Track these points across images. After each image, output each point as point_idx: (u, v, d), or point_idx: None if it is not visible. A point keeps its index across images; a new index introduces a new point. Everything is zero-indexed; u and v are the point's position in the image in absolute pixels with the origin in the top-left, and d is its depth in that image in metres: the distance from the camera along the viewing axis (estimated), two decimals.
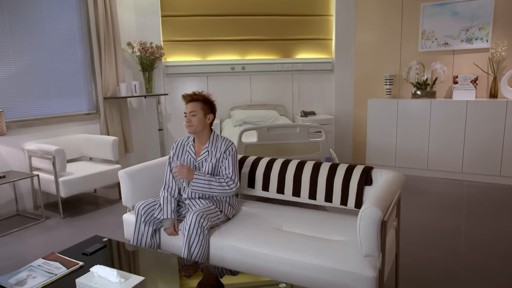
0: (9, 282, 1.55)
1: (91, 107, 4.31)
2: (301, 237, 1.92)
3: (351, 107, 5.21)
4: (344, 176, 2.18)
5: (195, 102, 2.19)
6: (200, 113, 2.18)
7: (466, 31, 4.33)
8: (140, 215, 2.12)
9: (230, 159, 2.20)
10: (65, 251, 1.86)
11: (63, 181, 3.31)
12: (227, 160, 2.20)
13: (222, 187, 2.14)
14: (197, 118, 2.17)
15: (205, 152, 2.23)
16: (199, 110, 2.17)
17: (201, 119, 2.18)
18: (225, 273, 1.63)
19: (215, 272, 1.62)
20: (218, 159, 2.21)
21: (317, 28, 5.05)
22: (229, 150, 2.22)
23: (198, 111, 2.17)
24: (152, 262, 1.75)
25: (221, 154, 2.21)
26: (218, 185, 2.14)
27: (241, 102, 5.04)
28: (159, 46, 4.58)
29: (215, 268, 1.65)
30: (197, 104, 2.18)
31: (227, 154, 2.21)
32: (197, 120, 2.17)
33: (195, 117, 2.17)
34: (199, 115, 2.17)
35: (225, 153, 2.21)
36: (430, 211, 3.34)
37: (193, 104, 2.18)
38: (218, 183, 2.14)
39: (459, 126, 4.19)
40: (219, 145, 2.22)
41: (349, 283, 1.65)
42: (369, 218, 1.60)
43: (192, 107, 2.18)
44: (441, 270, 2.35)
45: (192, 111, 2.17)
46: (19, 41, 3.58)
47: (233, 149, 2.23)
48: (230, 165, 2.19)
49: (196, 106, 2.18)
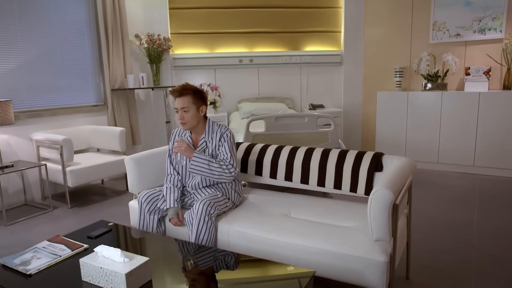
0: (13, 262, 1.53)
1: (98, 99, 4.31)
2: (309, 223, 1.88)
3: (360, 100, 5.14)
4: (353, 162, 2.13)
5: (185, 97, 2.05)
6: (193, 108, 2.06)
7: (479, 21, 4.23)
8: (144, 205, 2.09)
9: (226, 145, 2.11)
10: (70, 234, 1.85)
11: (71, 171, 3.30)
12: (223, 147, 2.12)
13: (222, 169, 2.05)
14: (190, 114, 2.06)
15: (203, 143, 2.16)
16: (191, 105, 2.06)
17: (194, 114, 2.08)
18: (231, 259, 1.59)
19: (221, 257, 1.59)
20: (215, 148, 2.14)
21: (325, 20, 4.98)
22: (224, 136, 2.13)
23: (190, 107, 2.05)
24: (157, 245, 1.72)
25: (217, 142, 2.14)
26: (218, 167, 2.05)
27: (248, 95, 5.00)
28: (167, 38, 4.56)
29: (223, 252, 1.62)
30: (188, 99, 2.05)
31: (223, 141, 2.12)
32: (190, 116, 2.07)
33: (188, 113, 2.06)
34: (191, 110, 2.06)
35: (220, 141, 2.13)
36: (441, 203, 3.27)
37: (184, 100, 2.05)
38: (218, 165, 2.05)
39: (471, 118, 4.10)
40: (215, 134, 2.14)
41: (359, 268, 1.60)
42: (380, 201, 1.55)
43: (183, 103, 2.05)
44: (453, 260, 2.29)
45: (184, 107, 2.05)
46: (28, 31, 3.58)
47: (228, 135, 2.13)
48: (228, 151, 2.11)
49: (187, 101, 2.05)
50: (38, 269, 1.49)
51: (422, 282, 2.06)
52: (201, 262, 1.54)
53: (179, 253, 1.63)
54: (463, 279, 2.08)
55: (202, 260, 1.55)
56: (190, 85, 2.10)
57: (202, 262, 1.53)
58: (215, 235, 1.95)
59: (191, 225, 1.94)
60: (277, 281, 1.38)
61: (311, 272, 1.43)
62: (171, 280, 1.41)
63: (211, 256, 1.58)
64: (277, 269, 1.47)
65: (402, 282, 2.07)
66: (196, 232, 1.90)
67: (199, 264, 1.52)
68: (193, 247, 1.68)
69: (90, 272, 1.38)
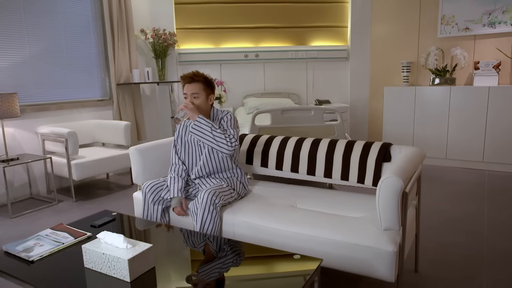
0: (16, 249, 1.51)
1: (104, 93, 4.30)
2: (316, 214, 1.84)
3: (367, 95, 5.08)
4: (361, 153, 2.09)
5: (197, 83, 2.03)
6: (203, 95, 2.04)
7: (489, 15, 4.16)
8: (148, 195, 2.06)
9: (227, 123, 2.07)
10: (73, 223, 1.83)
11: (76, 164, 3.29)
12: (225, 124, 2.08)
13: (224, 138, 1.96)
14: (199, 101, 2.03)
15: None
16: (201, 92, 2.03)
17: (203, 101, 2.05)
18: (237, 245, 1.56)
19: (227, 244, 1.56)
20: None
21: (332, 15, 4.94)
22: (225, 118, 2.09)
23: (200, 93, 2.03)
24: (161, 234, 1.70)
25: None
26: (220, 133, 1.96)
27: (254, 90, 4.97)
28: (172, 33, 4.54)
29: (229, 241, 1.59)
30: (199, 86, 2.03)
31: (224, 121, 2.09)
32: (199, 103, 2.03)
33: (197, 100, 2.03)
34: (201, 97, 2.03)
35: (221, 124, 2.09)
36: (449, 198, 3.21)
37: (195, 85, 2.03)
38: (220, 132, 1.97)
39: (480, 113, 4.03)
40: (219, 120, 2.11)
41: (367, 258, 1.56)
42: (389, 189, 1.50)
43: (194, 88, 2.02)
44: (463, 254, 2.24)
45: (194, 93, 2.02)
46: (34, 26, 3.58)
47: (228, 116, 2.09)
48: (229, 126, 2.06)
49: (198, 87, 2.03)
50: (40, 255, 1.47)
51: (432, 275, 2.01)
52: (205, 250, 1.51)
53: (183, 242, 1.60)
54: (474, 272, 2.03)
55: (206, 248, 1.52)
56: (201, 73, 2.08)
57: (207, 250, 1.50)
58: (220, 225, 1.92)
59: (195, 215, 1.91)
60: (284, 268, 1.35)
61: (318, 260, 1.39)
62: (174, 268, 1.38)
63: (215, 246, 1.55)
64: (283, 257, 1.43)
65: (411, 275, 2.03)
66: (201, 222, 1.87)
67: (204, 251, 1.49)
68: (198, 236, 1.65)
69: (93, 259, 1.35)
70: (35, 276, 1.35)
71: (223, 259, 1.43)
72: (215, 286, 1.25)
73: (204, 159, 2.11)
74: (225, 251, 1.49)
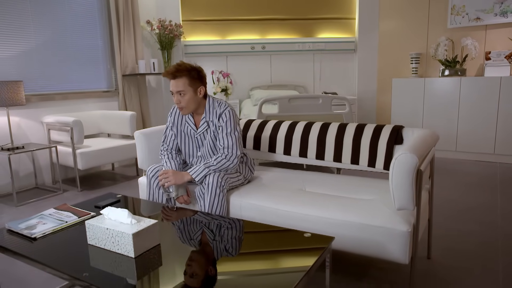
0: (19, 227, 1.48)
1: (109, 84, 4.28)
2: (326, 196, 1.79)
3: (375, 87, 5.01)
4: (372, 135, 2.03)
5: (180, 79, 1.84)
6: (190, 91, 1.86)
7: (501, 4, 4.07)
8: (152, 180, 2.00)
9: (224, 127, 1.91)
10: (77, 204, 1.79)
11: (81, 153, 3.26)
12: (222, 132, 1.92)
13: (223, 164, 1.89)
14: (187, 98, 1.86)
15: (204, 123, 1.99)
16: (187, 88, 1.85)
17: (192, 97, 1.88)
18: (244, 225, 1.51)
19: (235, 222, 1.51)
20: (216, 128, 1.97)
21: (339, 7, 4.87)
22: (223, 117, 1.92)
23: (186, 89, 1.85)
24: (167, 214, 1.65)
25: (217, 122, 1.96)
26: (217, 163, 1.88)
27: (261, 83, 4.92)
28: (178, 25, 4.51)
29: (237, 221, 1.54)
30: (183, 81, 1.84)
31: (221, 122, 1.92)
32: (188, 100, 1.87)
33: (184, 97, 1.86)
34: (188, 93, 1.86)
35: (219, 121, 1.93)
36: (461, 188, 3.14)
37: (179, 82, 1.84)
38: (216, 162, 1.88)
39: (491, 104, 3.94)
40: (216, 112, 1.95)
41: (380, 239, 1.51)
42: (403, 166, 1.45)
43: (178, 86, 1.84)
44: (477, 242, 2.17)
45: (179, 91, 1.85)
46: (39, 16, 3.56)
47: (227, 114, 1.92)
48: (225, 135, 1.91)
49: (182, 83, 1.84)
50: (43, 233, 1.43)
51: (445, 263, 1.95)
52: (215, 230, 1.46)
53: (190, 221, 1.55)
54: (489, 260, 1.96)
55: (216, 228, 1.47)
56: (185, 65, 1.87)
57: (217, 230, 1.46)
58: (227, 208, 1.87)
59: (202, 199, 1.86)
60: (295, 245, 1.30)
61: (330, 238, 1.34)
62: (181, 245, 1.33)
63: (225, 223, 1.50)
64: (293, 235, 1.38)
65: (423, 261, 1.96)
66: (208, 204, 1.82)
67: (215, 232, 1.44)
68: (206, 216, 1.60)
69: (96, 235, 1.31)
70: (38, 253, 1.31)
71: (229, 236, 1.38)
72: (223, 263, 1.20)
73: (204, 151, 2.04)
74: (232, 228, 1.44)
